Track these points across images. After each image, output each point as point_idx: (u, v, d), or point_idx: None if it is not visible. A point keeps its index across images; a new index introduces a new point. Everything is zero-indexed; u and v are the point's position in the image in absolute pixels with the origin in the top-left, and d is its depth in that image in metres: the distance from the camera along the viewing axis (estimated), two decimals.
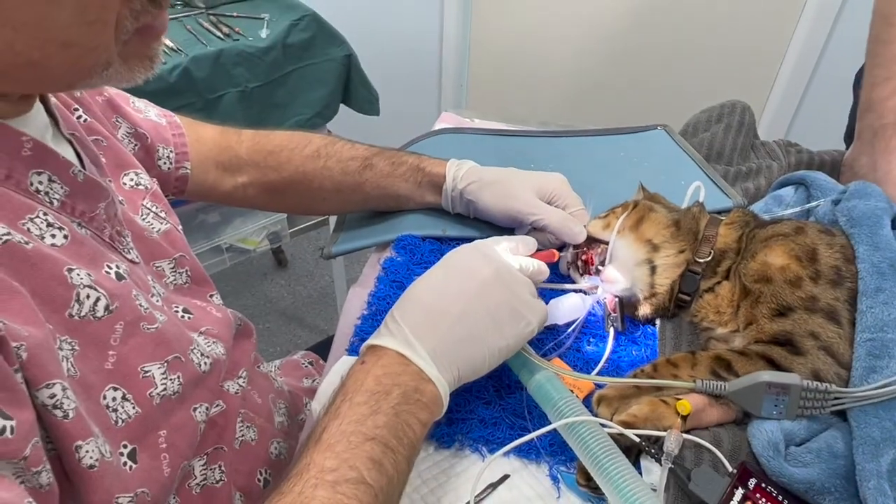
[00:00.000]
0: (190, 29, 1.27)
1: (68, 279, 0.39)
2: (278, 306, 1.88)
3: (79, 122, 0.54)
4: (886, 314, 0.49)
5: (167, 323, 0.48)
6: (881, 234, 0.54)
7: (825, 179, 0.68)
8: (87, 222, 0.44)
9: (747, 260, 0.57)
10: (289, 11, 1.34)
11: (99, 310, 0.41)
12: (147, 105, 0.67)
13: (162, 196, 0.59)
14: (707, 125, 0.84)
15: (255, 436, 0.59)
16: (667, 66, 1.83)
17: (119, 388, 0.42)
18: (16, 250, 0.37)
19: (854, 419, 0.47)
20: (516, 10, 1.84)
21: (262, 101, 1.30)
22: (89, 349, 0.41)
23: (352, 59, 1.41)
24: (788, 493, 0.46)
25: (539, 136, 0.86)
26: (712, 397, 0.50)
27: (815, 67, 1.68)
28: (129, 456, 0.42)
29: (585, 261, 0.61)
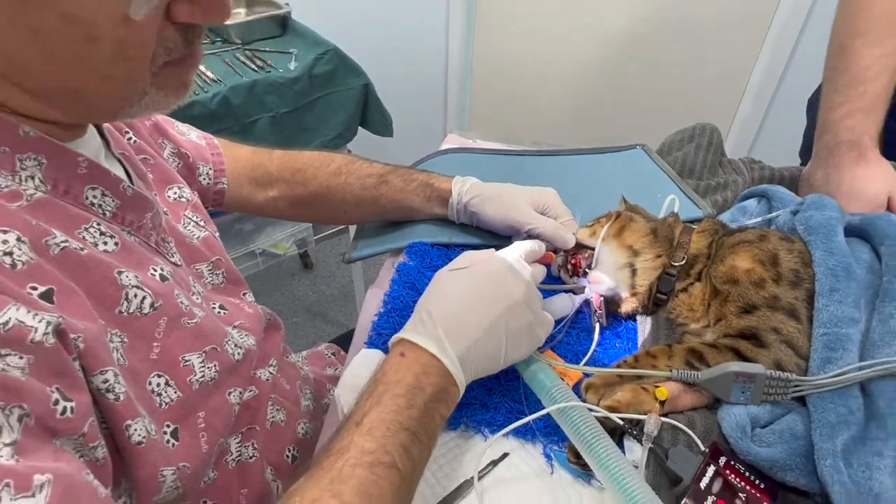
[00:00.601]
0: (228, 62, 1.27)
1: (118, 280, 0.40)
2: (304, 303, 1.87)
3: (129, 143, 0.54)
4: (840, 312, 0.48)
5: (205, 318, 0.47)
6: (835, 241, 0.53)
7: (785, 192, 0.67)
8: (135, 230, 0.45)
9: (717, 264, 0.56)
10: (314, 47, 1.34)
11: (145, 307, 0.41)
12: (189, 129, 0.67)
13: (202, 207, 0.59)
14: (680, 145, 0.83)
15: (283, 417, 0.59)
16: (646, 92, 1.82)
17: (163, 375, 0.42)
18: (73, 256, 0.37)
19: (812, 404, 0.46)
20: (513, 43, 1.83)
21: (291, 124, 1.29)
22: (137, 341, 0.41)
23: (369, 87, 1.40)
24: (755, 469, 0.45)
25: (533, 155, 0.85)
26: (687, 385, 0.50)
27: (774, 94, 1.67)
28: (171, 434, 0.42)
29: (574, 264, 0.61)
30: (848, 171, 0.68)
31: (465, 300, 0.46)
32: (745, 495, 0.43)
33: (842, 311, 0.48)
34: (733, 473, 0.44)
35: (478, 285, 0.47)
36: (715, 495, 0.42)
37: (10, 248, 0.33)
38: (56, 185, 0.39)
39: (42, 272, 0.34)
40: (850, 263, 0.51)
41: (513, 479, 0.48)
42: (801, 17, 1.52)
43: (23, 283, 0.33)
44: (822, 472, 0.43)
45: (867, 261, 0.53)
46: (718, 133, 0.84)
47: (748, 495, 0.43)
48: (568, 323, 0.59)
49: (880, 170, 0.67)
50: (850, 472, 0.42)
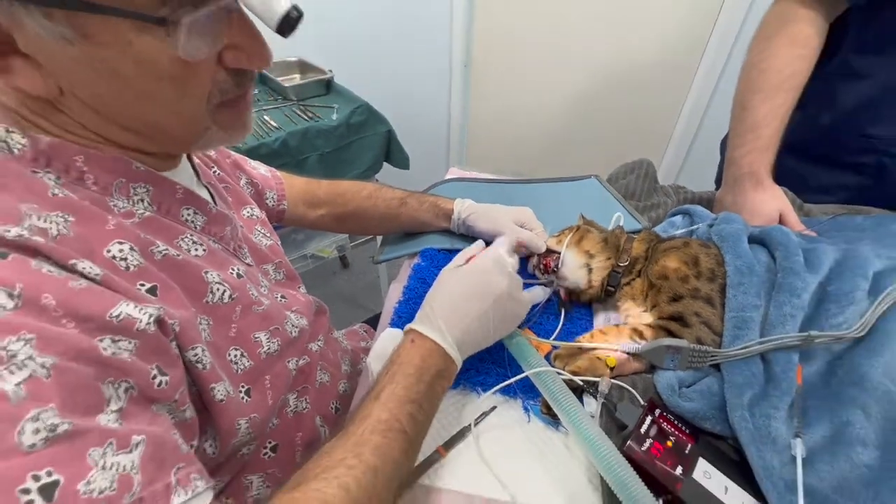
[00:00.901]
0: (287, 115, 1.25)
1: (205, 278, 0.39)
2: (343, 294, 1.86)
3: (213, 174, 0.53)
4: (745, 300, 0.48)
5: (270, 305, 0.47)
6: (741, 247, 0.52)
7: (703, 210, 0.66)
8: (218, 240, 0.44)
9: (652, 264, 0.55)
10: (350, 102, 1.33)
11: (225, 298, 0.41)
12: (259, 164, 0.66)
13: (268, 223, 0.58)
14: (624, 175, 0.82)
15: (329, 379, 0.58)
16: (599, 134, 1.79)
17: (238, 349, 0.42)
18: (171, 261, 0.37)
19: (725, 370, 0.45)
20: (499, 99, 1.81)
21: (334, 160, 1.28)
22: (219, 324, 0.40)
23: (391, 133, 1.38)
24: (682, 419, 0.44)
25: (514, 183, 0.84)
26: (630, 355, 0.49)
27: (695, 135, 1.65)
28: (245, 393, 0.42)
29: (545, 265, 0.59)
30: (749, 195, 0.67)
31: (460, 295, 0.45)
32: (675, 438, 0.42)
33: (746, 300, 0.47)
34: (665, 422, 0.43)
35: (470, 282, 0.46)
36: (652, 438, 0.41)
37: (125, 254, 0.33)
38: (160, 206, 0.39)
39: (149, 273, 0.34)
40: (753, 264, 0.50)
41: (499, 426, 0.47)
42: (715, 76, 1.50)
43: (134, 282, 0.33)
44: (732, 421, 0.42)
45: (765, 262, 0.52)
46: (653, 166, 0.82)
47: (676, 438, 0.42)
48: (541, 308, 0.58)
49: (773, 194, 0.66)
50: (754, 421, 0.41)
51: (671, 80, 1.60)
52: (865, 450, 0.39)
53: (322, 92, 1.39)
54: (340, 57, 1.70)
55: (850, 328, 0.44)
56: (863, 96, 0.68)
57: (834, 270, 0.50)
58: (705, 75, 1.52)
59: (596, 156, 1.82)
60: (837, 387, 0.43)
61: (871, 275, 0.49)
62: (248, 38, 0.33)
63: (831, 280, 0.49)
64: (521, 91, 1.77)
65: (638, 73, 1.62)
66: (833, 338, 0.44)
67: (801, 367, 0.45)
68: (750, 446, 0.40)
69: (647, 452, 0.40)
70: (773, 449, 0.40)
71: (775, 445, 0.40)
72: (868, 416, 0.40)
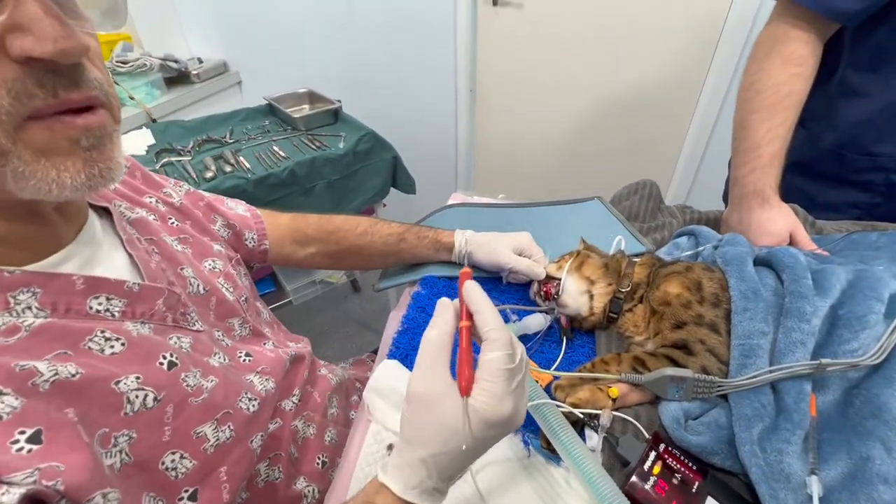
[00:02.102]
0: (295, 144, 1.28)
1: (116, 390, 0.33)
2: (353, 317, 1.86)
3: (172, 225, 0.48)
4: (752, 326, 0.45)
5: (217, 386, 0.41)
6: (746, 270, 0.50)
7: (709, 231, 0.64)
8: (148, 319, 0.38)
9: (654, 289, 0.53)
10: (357, 131, 1.35)
11: (149, 402, 0.35)
12: (237, 203, 0.63)
13: (233, 276, 0.52)
14: (627, 196, 0.81)
15: (314, 431, 0.54)
16: (603, 157, 1.78)
17: (177, 451, 0.37)
18: (64, 385, 0.30)
19: (732, 401, 0.43)
20: (504, 125, 1.83)
21: (341, 188, 1.29)
22: (146, 432, 0.35)
23: (397, 159, 1.39)
24: (688, 454, 0.42)
25: (515, 207, 0.84)
26: (633, 385, 0.47)
27: (702, 156, 1.63)
28: (189, 498, 0.37)
29: (546, 292, 0.58)
30: (756, 213, 0.65)
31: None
32: (681, 475, 0.40)
33: (753, 326, 0.45)
34: (671, 457, 0.41)
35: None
36: (656, 475, 0.39)
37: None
38: (55, 308, 0.33)
39: (29, 415, 0.28)
40: (758, 288, 0.48)
41: (498, 461, 0.46)
42: (720, 98, 1.49)
43: (11, 432, 0.27)
44: (742, 456, 0.40)
45: (772, 285, 0.50)
46: (657, 186, 0.81)
47: (683, 475, 0.40)
48: (541, 336, 0.57)
49: (781, 212, 0.65)
50: (765, 457, 0.39)
51: (675, 103, 1.59)
52: (888, 488, 0.36)
53: (330, 121, 1.42)
54: (348, 87, 1.76)
55: (865, 354, 0.42)
56: (864, 115, 0.67)
57: (846, 293, 0.48)
58: (709, 97, 1.51)
59: (603, 179, 1.81)
60: (855, 418, 0.40)
61: (886, 297, 0.46)
62: (33, 11, 0.25)
63: (843, 303, 0.47)
64: (526, 115, 1.79)
65: (641, 96, 1.62)
66: (847, 365, 0.42)
67: (815, 396, 0.42)
68: (762, 484, 0.38)
69: (652, 491, 0.38)
70: (786, 487, 0.38)
71: (789, 483, 0.38)
72: (889, 450, 0.38)
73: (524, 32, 1.61)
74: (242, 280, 0.55)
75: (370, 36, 1.69)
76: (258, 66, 1.89)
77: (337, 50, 1.76)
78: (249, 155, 1.22)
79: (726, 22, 1.40)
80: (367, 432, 0.49)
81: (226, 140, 1.29)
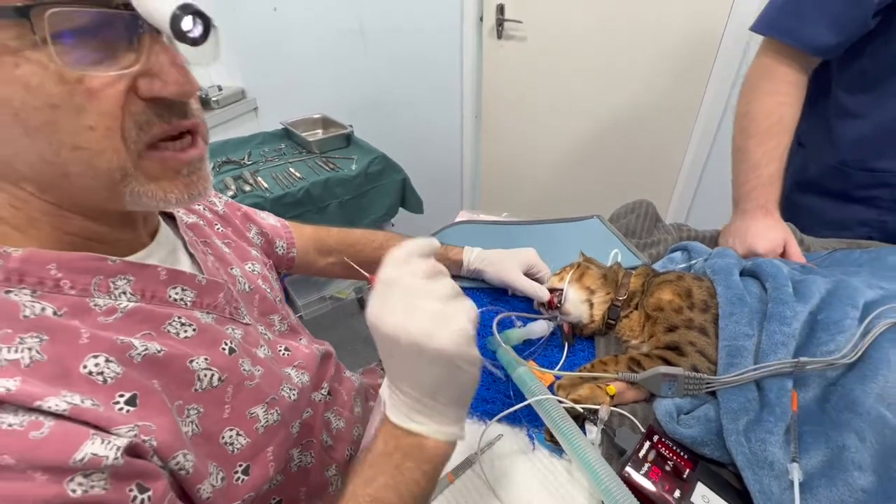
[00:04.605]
0: (310, 166, 1.35)
1: (190, 368, 0.38)
2: (361, 335, 1.87)
3: (217, 230, 0.53)
4: (737, 329, 0.50)
5: (263, 374, 0.45)
6: (732, 279, 0.55)
7: (701, 247, 0.69)
8: (212, 310, 0.43)
9: (648, 297, 0.57)
10: (368, 154, 1.42)
11: (214, 381, 0.40)
12: (268, 215, 0.68)
13: (269, 278, 0.57)
14: (625, 214, 0.86)
15: (343, 424, 0.58)
16: (603, 177, 1.85)
17: (234, 428, 0.41)
18: (152, 360, 0.35)
19: (720, 396, 0.47)
20: (507, 147, 1.90)
21: (353, 207, 1.36)
22: (211, 407, 0.39)
23: (406, 180, 1.46)
24: (680, 445, 0.46)
25: (519, 224, 0.88)
26: (629, 384, 0.50)
27: (700, 176, 1.68)
28: (243, 472, 0.41)
29: (549, 302, 0.62)
30: (759, 220, 0.70)
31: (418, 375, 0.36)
32: (673, 463, 0.43)
33: (738, 329, 0.49)
34: (664, 447, 0.44)
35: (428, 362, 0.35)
36: (650, 462, 0.43)
37: (102, 368, 0.32)
38: (144, 294, 0.38)
39: (128, 381, 0.33)
40: (743, 295, 0.52)
41: (505, 454, 0.49)
42: (716, 121, 1.56)
43: (112, 394, 0.32)
44: (729, 445, 0.43)
45: (757, 293, 0.54)
46: (653, 206, 0.86)
47: (675, 463, 0.43)
48: (545, 341, 0.61)
49: (780, 224, 0.70)
50: (750, 446, 0.43)
51: (673, 126, 1.66)
52: (862, 474, 0.40)
53: (343, 145, 1.50)
54: (360, 112, 1.85)
55: (840, 354, 0.46)
56: (861, 133, 0.72)
57: (824, 300, 0.52)
58: (706, 120, 1.59)
59: (602, 200, 1.84)
60: (832, 412, 0.44)
61: (861, 304, 0.51)
62: (161, 60, 0.30)
63: (821, 309, 0.51)
64: (528, 140, 1.87)
65: (639, 122, 1.70)
66: (824, 364, 0.46)
67: (797, 393, 0.46)
68: (746, 470, 0.42)
69: (647, 476, 0.42)
70: (770, 474, 0.41)
71: (772, 470, 0.41)
72: (862, 440, 0.41)
73: (526, 63, 1.71)
74: (275, 283, 0.60)
75: (381, 65, 1.80)
76: (274, 93, 1.99)
77: (349, 78, 1.86)
78: (267, 175, 1.30)
79: (719, 49, 1.48)
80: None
81: (244, 161, 1.37)
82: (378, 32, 1.73)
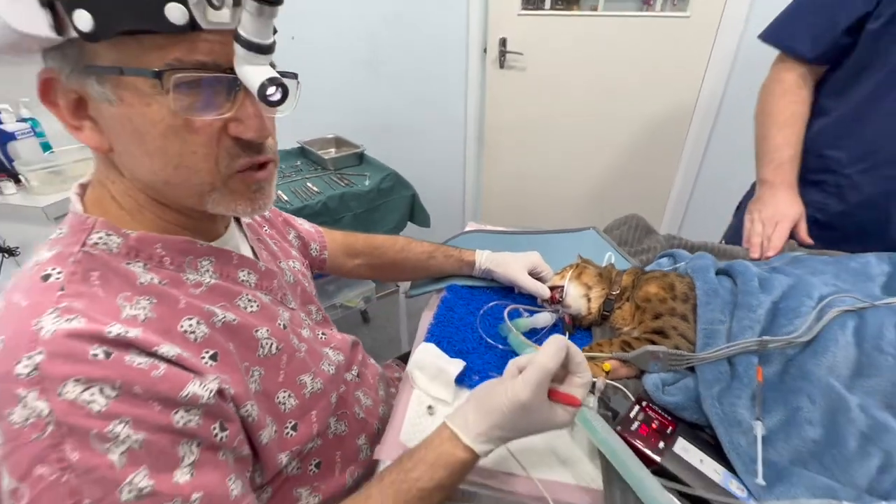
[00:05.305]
0: (326, 182, 1.43)
1: (255, 336, 0.46)
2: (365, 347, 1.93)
3: (265, 232, 0.61)
4: (712, 316, 0.58)
5: (308, 350, 0.52)
6: (709, 276, 0.63)
7: (685, 253, 0.77)
8: (269, 292, 0.50)
9: (637, 290, 0.65)
10: (380, 171, 1.50)
11: (273, 350, 0.47)
12: (304, 221, 0.76)
13: (306, 275, 0.65)
14: (618, 226, 0.95)
15: (371, 402, 0.64)
16: (598, 198, 1.96)
17: (286, 391, 0.48)
18: (228, 326, 0.43)
19: (698, 370, 0.54)
20: (508, 166, 2.01)
21: (366, 220, 1.43)
22: (270, 371, 0.46)
23: (415, 196, 1.54)
24: (665, 410, 0.53)
25: (523, 234, 0.96)
26: (622, 362, 0.58)
27: (692, 192, 1.79)
28: (292, 428, 0.48)
29: (552, 297, 0.70)
30: (783, 194, 0.83)
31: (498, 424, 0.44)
32: (658, 422, 0.51)
33: (713, 315, 0.58)
34: (651, 411, 0.52)
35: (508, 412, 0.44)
36: (640, 422, 0.50)
37: (194, 328, 0.40)
38: (222, 274, 0.46)
39: (211, 341, 0.41)
40: (717, 288, 0.61)
41: None
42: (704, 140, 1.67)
43: (200, 350, 0.40)
44: (705, 409, 0.51)
45: (729, 287, 0.62)
46: (643, 219, 0.95)
47: (660, 422, 0.51)
48: (548, 331, 0.69)
49: (799, 200, 0.82)
50: (722, 408, 0.51)
51: (663, 148, 1.79)
52: (812, 428, 0.48)
53: (355, 163, 1.60)
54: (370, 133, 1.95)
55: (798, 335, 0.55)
56: (822, 126, 0.83)
57: (785, 293, 0.61)
58: (694, 140, 1.71)
59: (594, 210, 1.98)
60: (789, 381, 0.53)
61: (816, 296, 0.60)
62: (248, 112, 0.38)
63: (783, 299, 0.60)
64: (528, 161, 1.99)
65: (632, 144, 1.83)
66: (784, 342, 0.55)
67: (761, 368, 0.55)
68: (719, 427, 0.50)
69: (636, 432, 0.50)
70: (738, 430, 0.50)
71: (740, 427, 0.50)
72: (813, 402, 0.50)
73: (527, 91, 1.84)
74: (311, 280, 0.67)
75: (391, 91, 1.92)
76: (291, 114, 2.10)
77: (361, 102, 1.98)
78: (286, 189, 1.39)
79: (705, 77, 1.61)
80: (410, 397, 0.60)
81: None
82: (389, 60, 1.86)
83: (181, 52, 0.35)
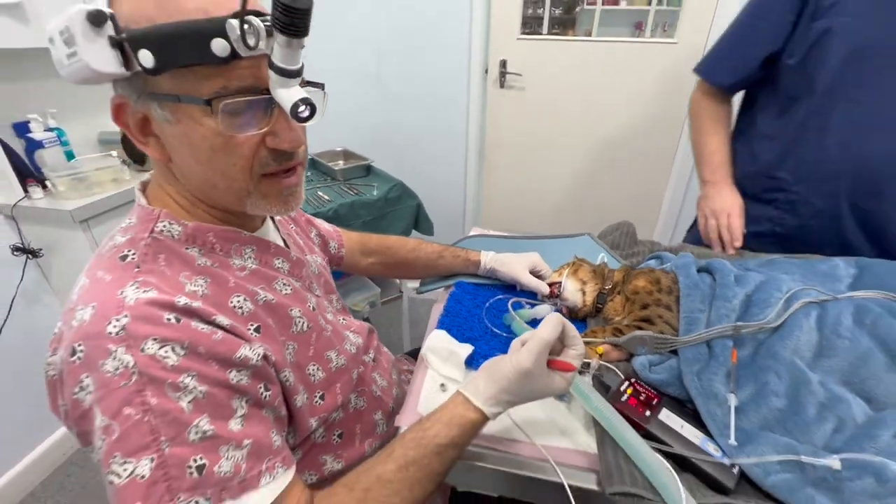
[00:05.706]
0: (336, 191, 1.50)
1: (290, 314, 0.51)
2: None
3: (292, 229, 0.67)
4: (693, 306, 0.65)
5: (332, 331, 0.58)
6: (690, 272, 0.70)
7: (670, 254, 0.84)
8: (299, 279, 0.56)
9: (627, 284, 0.72)
10: (387, 182, 1.57)
11: (304, 327, 0.52)
12: (323, 222, 0.82)
13: (327, 268, 0.70)
14: (611, 232, 1.02)
15: (386, 384, 0.69)
16: (594, 210, 2.04)
17: (315, 364, 0.53)
18: (268, 305, 0.49)
19: (681, 352, 0.61)
20: (507, 178, 2.09)
21: (374, 227, 1.48)
22: (302, 346, 0.51)
23: (420, 205, 1.61)
24: (651, 386, 0.59)
25: (523, 239, 1.02)
26: (613, 346, 0.65)
27: (682, 201, 1.87)
28: (320, 398, 0.53)
29: (551, 292, 0.77)
30: (725, 192, 0.94)
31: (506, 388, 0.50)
32: (645, 395, 0.58)
33: (694, 305, 0.65)
34: (639, 386, 0.59)
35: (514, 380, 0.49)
36: (629, 394, 0.57)
37: (241, 304, 0.46)
38: (261, 260, 0.51)
39: (256, 316, 0.46)
40: (698, 282, 0.68)
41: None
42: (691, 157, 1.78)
43: (247, 323, 0.45)
44: (686, 384, 0.58)
45: (708, 282, 0.70)
46: (633, 226, 1.03)
47: (646, 395, 0.58)
48: None
49: (734, 195, 0.93)
50: (701, 383, 0.57)
51: (654, 162, 1.88)
52: (778, 399, 0.56)
53: (363, 174, 1.67)
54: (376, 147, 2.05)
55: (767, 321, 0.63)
56: (770, 150, 0.93)
57: (758, 287, 0.69)
58: (683, 156, 1.81)
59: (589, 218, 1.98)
60: (759, 361, 0.60)
61: (784, 290, 0.67)
62: (283, 126, 0.43)
63: (755, 292, 0.68)
64: (526, 174, 2.07)
65: (625, 158, 1.92)
66: (755, 327, 0.62)
67: (736, 350, 0.62)
68: (698, 399, 0.57)
69: (626, 403, 0.57)
70: (714, 402, 0.57)
71: (717, 399, 0.57)
72: (779, 377, 0.57)
73: (525, 109, 1.95)
74: (330, 274, 0.73)
75: (396, 108, 2.02)
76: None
77: (367, 118, 2.08)
78: None
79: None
80: (425, 376, 0.66)
81: None
82: (394, 79, 1.97)
83: (225, 80, 0.40)
